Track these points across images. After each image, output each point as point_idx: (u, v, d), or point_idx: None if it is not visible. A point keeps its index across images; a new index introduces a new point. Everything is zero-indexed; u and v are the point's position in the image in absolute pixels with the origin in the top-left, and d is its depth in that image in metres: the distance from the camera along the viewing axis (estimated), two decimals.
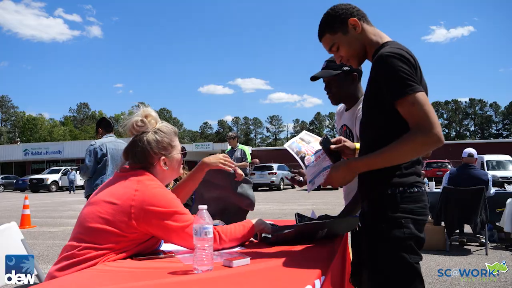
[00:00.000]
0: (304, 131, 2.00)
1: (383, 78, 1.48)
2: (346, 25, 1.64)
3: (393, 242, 1.49)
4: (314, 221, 1.87)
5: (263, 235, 1.93)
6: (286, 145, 1.91)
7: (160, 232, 1.54)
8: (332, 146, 1.85)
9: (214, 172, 2.06)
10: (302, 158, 1.85)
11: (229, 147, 8.19)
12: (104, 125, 5.16)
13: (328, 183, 1.63)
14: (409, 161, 1.52)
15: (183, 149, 1.81)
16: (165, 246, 1.75)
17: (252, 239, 1.87)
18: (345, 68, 2.16)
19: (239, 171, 2.22)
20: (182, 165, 2.56)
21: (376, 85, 1.53)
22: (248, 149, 8.07)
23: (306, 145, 1.92)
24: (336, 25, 1.65)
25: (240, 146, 8.01)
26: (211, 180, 2.12)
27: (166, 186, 2.54)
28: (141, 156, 1.67)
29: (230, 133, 8.23)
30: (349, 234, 2.26)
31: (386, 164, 1.47)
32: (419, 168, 1.59)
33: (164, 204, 1.52)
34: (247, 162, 7.87)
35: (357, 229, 1.69)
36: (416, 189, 1.53)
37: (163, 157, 1.68)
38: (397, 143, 1.43)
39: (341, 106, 2.46)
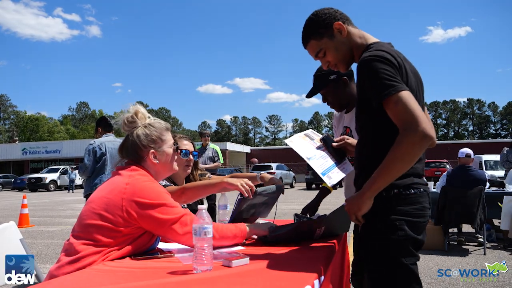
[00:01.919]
0: (310, 130, 2.01)
1: (366, 81, 1.48)
2: (331, 29, 1.63)
3: (388, 244, 1.49)
4: (310, 219, 1.88)
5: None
6: (287, 140, 1.92)
7: (150, 225, 1.55)
8: (334, 144, 1.85)
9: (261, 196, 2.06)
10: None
11: (199, 145, 7.90)
12: (104, 125, 5.14)
13: (347, 210, 1.56)
14: None
15: (175, 143, 1.83)
16: (164, 246, 1.76)
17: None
18: (332, 77, 2.19)
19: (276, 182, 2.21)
20: (196, 167, 2.59)
21: (360, 89, 1.54)
22: (219, 148, 7.89)
23: (310, 141, 1.93)
24: (321, 30, 1.64)
25: (212, 145, 7.82)
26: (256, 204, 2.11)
27: (204, 176, 2.56)
28: (131, 150, 1.71)
29: (207, 131, 8.05)
30: (348, 234, 2.26)
31: (390, 178, 1.42)
32: (418, 168, 1.56)
33: (153, 196, 1.55)
34: (220, 162, 7.69)
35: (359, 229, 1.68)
36: (413, 191, 1.51)
37: (152, 150, 1.71)
38: (390, 153, 1.39)
39: None
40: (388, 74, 1.42)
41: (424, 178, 1.63)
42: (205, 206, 1.41)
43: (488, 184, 6.09)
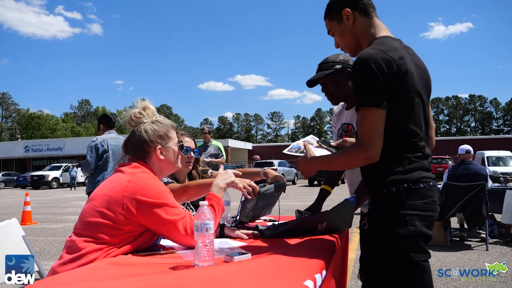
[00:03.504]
0: (311, 135, 2.02)
1: (353, 81, 1.54)
2: (341, 14, 1.66)
3: (399, 241, 1.46)
4: (311, 215, 1.87)
5: (259, 227, 1.93)
6: (285, 150, 1.95)
7: (151, 223, 1.54)
8: (333, 143, 1.85)
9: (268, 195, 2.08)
10: (301, 151, 1.87)
11: (201, 142, 7.79)
12: (106, 122, 5.15)
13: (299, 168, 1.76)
14: (412, 156, 1.49)
15: (179, 141, 1.82)
16: (166, 242, 1.76)
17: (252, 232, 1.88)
18: (337, 67, 2.16)
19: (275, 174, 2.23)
20: (198, 164, 2.58)
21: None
22: (221, 145, 7.77)
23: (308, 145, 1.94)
24: (333, 13, 1.69)
25: (214, 142, 7.71)
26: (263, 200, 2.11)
27: (206, 172, 2.54)
28: (138, 145, 1.70)
29: (205, 128, 7.84)
30: (350, 230, 2.26)
31: (333, 167, 1.70)
32: (425, 163, 1.54)
33: (155, 195, 1.54)
34: (223, 158, 7.59)
35: (366, 227, 1.65)
36: (422, 185, 1.49)
37: (159, 146, 1.71)
38: (342, 151, 1.60)
39: (340, 105, 2.45)
40: (369, 83, 1.44)
41: None
42: (207, 202, 1.40)
43: (490, 183, 6.08)
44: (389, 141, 1.47)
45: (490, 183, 6.06)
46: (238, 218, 2.10)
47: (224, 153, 7.68)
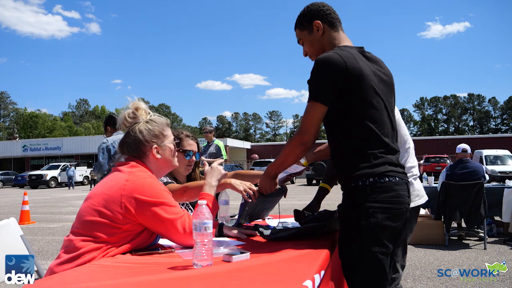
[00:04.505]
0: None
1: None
2: (311, 25, 1.77)
3: (359, 231, 1.54)
4: (313, 224, 1.87)
5: (258, 227, 1.93)
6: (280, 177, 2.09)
7: (150, 222, 1.54)
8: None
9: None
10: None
11: (205, 142, 7.76)
12: (112, 123, 5.23)
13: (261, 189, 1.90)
14: (377, 152, 1.57)
15: (175, 139, 1.82)
16: (165, 241, 1.75)
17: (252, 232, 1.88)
18: None
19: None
20: (198, 165, 2.56)
21: None
22: (222, 144, 7.73)
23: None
24: (304, 23, 1.80)
25: (216, 141, 7.66)
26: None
27: (201, 173, 2.53)
28: (134, 146, 1.70)
29: (207, 127, 7.77)
30: None
31: (282, 164, 1.79)
32: (392, 158, 1.62)
33: (153, 194, 1.54)
34: (222, 158, 7.39)
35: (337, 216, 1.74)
36: (387, 179, 1.56)
37: (155, 146, 1.71)
38: (286, 144, 1.71)
39: None
40: (318, 80, 1.58)
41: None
42: (205, 201, 1.40)
43: (487, 178, 6.09)
44: (353, 138, 1.59)
45: (487, 178, 6.08)
46: (237, 220, 2.10)
47: (224, 153, 7.64)
